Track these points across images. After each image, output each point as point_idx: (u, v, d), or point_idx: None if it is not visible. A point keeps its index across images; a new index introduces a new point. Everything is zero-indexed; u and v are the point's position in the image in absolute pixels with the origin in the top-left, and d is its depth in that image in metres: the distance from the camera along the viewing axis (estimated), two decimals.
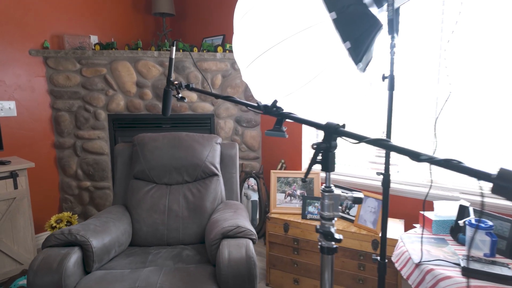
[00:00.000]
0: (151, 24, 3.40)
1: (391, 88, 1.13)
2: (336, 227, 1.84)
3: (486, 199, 1.88)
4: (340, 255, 1.83)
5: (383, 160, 2.28)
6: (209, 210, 1.84)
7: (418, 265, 1.35)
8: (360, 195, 0.78)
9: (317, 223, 1.90)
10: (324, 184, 0.79)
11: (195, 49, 2.80)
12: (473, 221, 1.40)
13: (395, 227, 1.84)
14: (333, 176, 2.44)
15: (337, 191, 0.79)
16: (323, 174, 2.23)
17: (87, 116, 2.67)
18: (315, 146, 0.74)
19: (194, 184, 1.92)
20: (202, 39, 3.24)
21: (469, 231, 1.41)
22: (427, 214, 1.68)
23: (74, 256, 1.30)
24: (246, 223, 1.50)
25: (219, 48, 2.79)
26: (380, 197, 1.76)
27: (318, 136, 2.70)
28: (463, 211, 1.57)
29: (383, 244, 1.25)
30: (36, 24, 2.52)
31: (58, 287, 1.23)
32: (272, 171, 2.13)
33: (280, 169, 2.74)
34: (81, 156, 2.71)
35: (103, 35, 2.97)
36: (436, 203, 1.69)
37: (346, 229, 1.81)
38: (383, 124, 2.24)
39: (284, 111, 0.90)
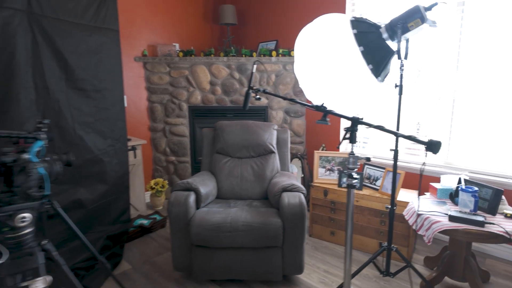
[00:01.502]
0: (216, 32, 4.14)
1: (400, 93, 1.72)
2: (364, 193, 2.46)
3: (480, 176, 2.40)
4: (366, 213, 2.45)
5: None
6: (268, 177, 2.56)
7: (419, 215, 1.95)
8: (369, 157, 1.42)
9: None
10: (351, 151, 1.44)
11: (254, 53, 3.49)
12: (463, 187, 1.95)
13: (411, 195, 2.41)
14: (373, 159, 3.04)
15: (357, 155, 1.44)
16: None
17: (173, 107, 3.50)
18: (345, 128, 1.40)
19: (258, 158, 2.64)
20: (258, 43, 3.92)
21: (460, 194, 1.96)
22: (435, 184, 2.24)
23: (192, 197, 2.09)
24: (298, 183, 2.19)
25: (273, 53, 3.45)
26: (399, 171, 2.34)
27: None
28: (460, 183, 2.11)
29: (393, 195, 1.86)
30: (138, 37, 3.38)
31: (185, 214, 2.02)
32: (315, 151, 2.78)
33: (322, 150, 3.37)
34: (168, 138, 3.58)
35: (182, 43, 3.78)
36: (442, 177, 2.24)
37: (372, 195, 2.43)
38: (408, 118, 2.78)
39: (327, 108, 1.55)
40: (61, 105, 2.06)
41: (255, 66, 2.00)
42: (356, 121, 1.39)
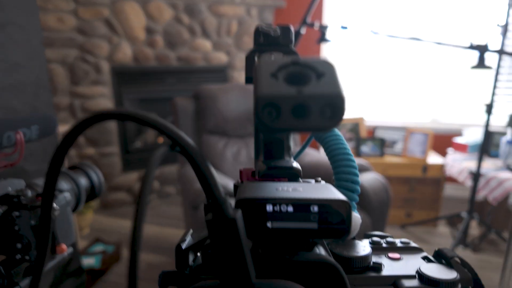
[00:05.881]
0: None
1: None
2: (391, 161, 2.15)
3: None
4: (394, 182, 2.15)
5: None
6: None
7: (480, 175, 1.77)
8: None
9: (371, 160, 2.17)
10: None
11: None
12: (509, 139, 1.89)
13: (434, 156, 2.24)
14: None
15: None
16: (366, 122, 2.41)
17: (86, 68, 2.16)
18: None
19: None
20: None
21: (503, 145, 1.90)
22: (460, 140, 2.13)
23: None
24: None
25: None
26: (427, 131, 2.11)
27: None
28: (487, 135, 2.06)
29: (480, 160, 1.59)
30: None
31: None
32: None
33: None
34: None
35: None
36: (464, 132, 2.15)
37: (400, 161, 2.14)
38: None
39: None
40: None
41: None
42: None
